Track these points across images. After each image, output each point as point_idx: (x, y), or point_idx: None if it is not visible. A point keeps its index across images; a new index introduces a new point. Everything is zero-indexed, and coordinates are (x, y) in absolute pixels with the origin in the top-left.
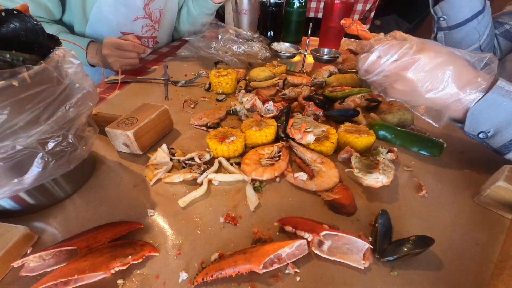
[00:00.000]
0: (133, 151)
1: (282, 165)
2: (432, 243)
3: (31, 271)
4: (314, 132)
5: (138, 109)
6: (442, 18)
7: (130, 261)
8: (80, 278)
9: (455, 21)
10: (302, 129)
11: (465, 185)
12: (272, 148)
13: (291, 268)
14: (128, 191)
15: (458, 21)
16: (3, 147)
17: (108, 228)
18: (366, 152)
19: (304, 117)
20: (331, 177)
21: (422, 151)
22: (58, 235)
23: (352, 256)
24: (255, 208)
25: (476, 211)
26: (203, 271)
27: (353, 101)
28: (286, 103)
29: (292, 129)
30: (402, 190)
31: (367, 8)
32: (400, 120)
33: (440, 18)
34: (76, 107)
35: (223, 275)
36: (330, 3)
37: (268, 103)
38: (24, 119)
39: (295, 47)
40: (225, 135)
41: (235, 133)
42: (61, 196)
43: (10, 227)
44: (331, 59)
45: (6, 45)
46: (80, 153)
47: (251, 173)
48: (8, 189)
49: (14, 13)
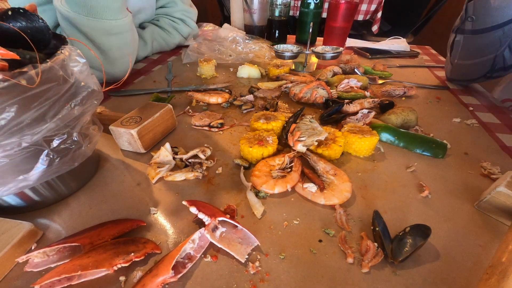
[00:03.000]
0: (137, 150)
1: (294, 177)
2: (429, 231)
3: (35, 267)
4: (305, 142)
5: (142, 108)
6: (470, 18)
7: (133, 258)
8: (83, 274)
9: (482, 25)
10: (295, 137)
11: (469, 187)
12: (283, 159)
13: (209, 256)
14: (131, 189)
15: (485, 26)
16: (10, 144)
17: (111, 225)
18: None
19: (309, 123)
20: (342, 191)
21: (425, 152)
22: (62, 232)
23: (239, 247)
24: (262, 215)
25: (478, 214)
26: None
27: (360, 104)
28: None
29: (290, 135)
30: (405, 190)
31: (372, 9)
32: (404, 121)
33: (468, 18)
34: (81, 105)
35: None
36: (335, 3)
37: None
38: (30, 117)
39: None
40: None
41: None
42: (65, 193)
43: (15, 223)
44: (334, 55)
45: (12, 43)
46: (84, 151)
47: (262, 186)
48: (14, 186)
49: (21, 12)
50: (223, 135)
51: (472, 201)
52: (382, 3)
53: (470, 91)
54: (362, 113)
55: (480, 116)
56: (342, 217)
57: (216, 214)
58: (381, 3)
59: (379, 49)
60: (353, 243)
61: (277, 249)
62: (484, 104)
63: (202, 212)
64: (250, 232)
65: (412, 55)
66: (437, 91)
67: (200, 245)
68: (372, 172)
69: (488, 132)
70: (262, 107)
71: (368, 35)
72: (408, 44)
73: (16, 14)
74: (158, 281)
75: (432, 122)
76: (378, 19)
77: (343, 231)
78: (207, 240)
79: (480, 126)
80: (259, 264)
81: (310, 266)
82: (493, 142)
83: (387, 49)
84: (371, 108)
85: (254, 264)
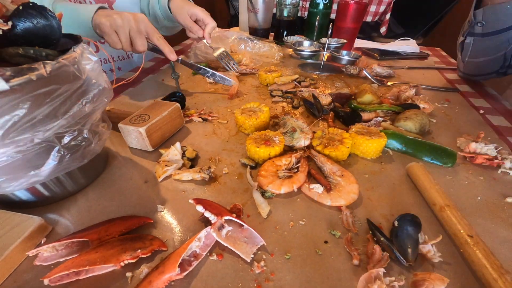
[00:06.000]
0: (145, 148)
1: (300, 177)
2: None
3: (44, 261)
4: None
5: (150, 106)
6: (480, 23)
7: (140, 254)
8: (91, 269)
9: (492, 28)
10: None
11: (479, 194)
12: (289, 159)
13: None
14: (139, 186)
15: (496, 29)
16: (23, 140)
17: (119, 222)
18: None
19: (294, 121)
20: (349, 192)
21: (434, 161)
22: (70, 227)
23: (244, 247)
24: (268, 215)
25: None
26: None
27: (375, 112)
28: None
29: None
30: (412, 193)
31: (381, 10)
32: (421, 125)
33: (477, 23)
34: (92, 102)
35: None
36: (344, 3)
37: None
38: (42, 113)
39: (314, 44)
40: (267, 138)
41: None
42: (74, 189)
43: (26, 217)
44: (352, 59)
45: (23, 38)
46: (94, 147)
47: (268, 186)
48: (25, 181)
49: (31, 5)
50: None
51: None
52: (391, 4)
53: (481, 94)
54: (376, 120)
55: (491, 120)
56: (348, 219)
57: (222, 213)
58: (390, 4)
59: (388, 50)
60: (359, 245)
61: (282, 249)
62: (495, 107)
63: (208, 211)
64: (256, 232)
65: (422, 56)
66: (447, 94)
67: (206, 243)
68: (380, 174)
69: (499, 135)
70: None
71: (377, 37)
72: (417, 46)
73: (27, 9)
74: (164, 278)
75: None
76: (386, 21)
77: (349, 232)
78: (213, 239)
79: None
80: (264, 263)
81: (315, 267)
82: (505, 146)
83: (396, 50)
84: (384, 117)
85: (259, 264)
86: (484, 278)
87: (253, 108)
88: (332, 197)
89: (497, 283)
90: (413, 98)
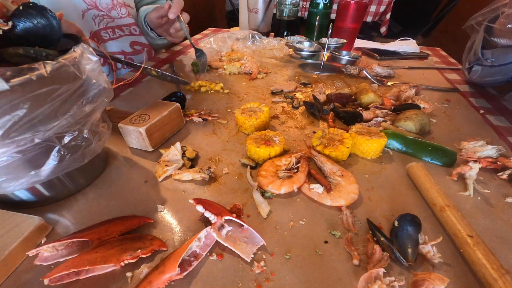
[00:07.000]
0: (145, 148)
1: (300, 177)
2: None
3: (44, 261)
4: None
5: (150, 107)
6: (489, 61)
7: (140, 254)
8: (91, 269)
9: (500, 62)
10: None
11: (479, 194)
12: (289, 159)
13: (215, 255)
14: (139, 186)
15: (505, 62)
16: (23, 140)
17: (119, 222)
18: (377, 155)
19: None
20: (349, 192)
21: (434, 161)
22: (70, 227)
23: (244, 247)
24: (267, 215)
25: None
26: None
27: (373, 112)
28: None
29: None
30: (412, 193)
31: (381, 10)
32: (421, 125)
33: (487, 60)
34: (92, 102)
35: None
36: (344, 3)
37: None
38: (43, 113)
39: (313, 44)
40: (267, 138)
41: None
42: (74, 189)
43: (26, 217)
44: (352, 59)
45: (23, 38)
46: (94, 147)
47: (268, 186)
48: (26, 181)
49: (31, 5)
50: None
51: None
52: (391, 4)
53: (481, 94)
54: (376, 120)
55: (491, 120)
56: (348, 219)
57: (222, 213)
58: (390, 4)
59: (388, 50)
60: (359, 245)
61: (282, 249)
62: (495, 107)
63: (208, 211)
64: (256, 232)
65: (422, 56)
66: (447, 94)
67: (206, 243)
68: (380, 174)
69: (499, 135)
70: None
71: (377, 37)
72: (417, 46)
73: (27, 9)
74: (165, 278)
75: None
76: (386, 21)
77: (349, 232)
78: (213, 239)
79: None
80: (264, 263)
81: (315, 267)
82: (506, 146)
83: (396, 50)
84: (384, 117)
85: (259, 264)
86: (484, 278)
87: (253, 108)
88: (332, 197)
89: (497, 283)
90: (413, 98)
